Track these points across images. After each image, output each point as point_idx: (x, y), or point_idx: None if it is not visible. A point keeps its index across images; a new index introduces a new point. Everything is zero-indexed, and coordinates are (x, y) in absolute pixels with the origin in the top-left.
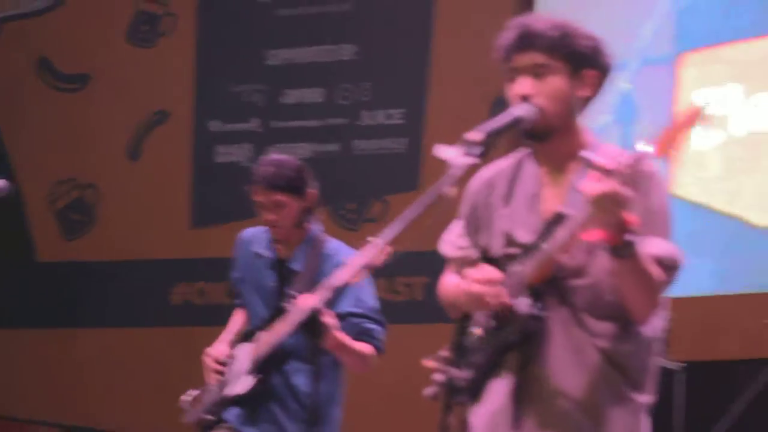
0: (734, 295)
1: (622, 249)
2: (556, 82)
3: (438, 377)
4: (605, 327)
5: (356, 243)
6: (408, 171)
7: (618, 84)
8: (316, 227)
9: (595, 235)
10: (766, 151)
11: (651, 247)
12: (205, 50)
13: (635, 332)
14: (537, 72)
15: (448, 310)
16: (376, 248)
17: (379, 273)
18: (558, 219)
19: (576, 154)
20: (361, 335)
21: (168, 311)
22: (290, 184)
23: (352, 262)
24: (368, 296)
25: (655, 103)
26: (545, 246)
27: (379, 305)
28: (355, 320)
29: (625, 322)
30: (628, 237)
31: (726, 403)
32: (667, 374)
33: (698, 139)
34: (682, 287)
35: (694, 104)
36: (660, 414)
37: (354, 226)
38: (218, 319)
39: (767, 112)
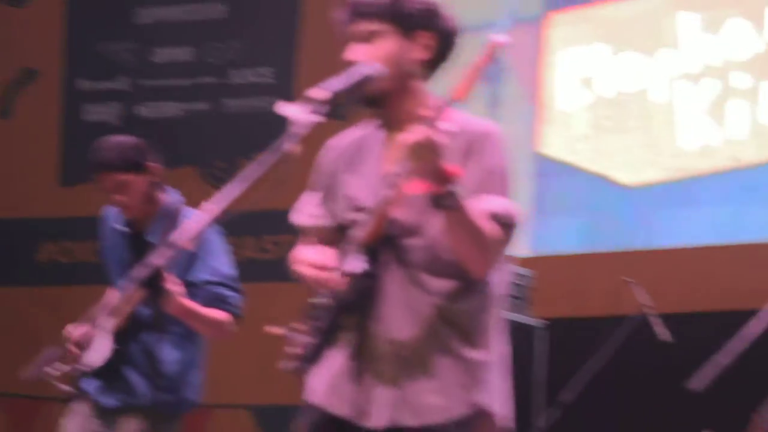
0: (599, 253)
1: (444, 199)
2: (387, 45)
3: (291, 350)
4: (442, 285)
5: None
6: (277, 130)
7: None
8: (171, 197)
9: (416, 186)
10: (632, 110)
11: (486, 203)
12: (75, 8)
13: (474, 290)
14: (369, 38)
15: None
16: (211, 212)
17: (246, 231)
18: (388, 179)
19: (417, 116)
20: (216, 302)
21: (34, 270)
22: (128, 162)
23: (187, 227)
24: (223, 264)
25: (524, 63)
26: (377, 205)
27: (235, 273)
28: (210, 288)
29: (464, 280)
30: (449, 187)
31: (588, 359)
32: (528, 331)
33: (566, 99)
34: (549, 245)
35: (488, 43)
36: (521, 370)
37: (223, 185)
38: (85, 278)
39: (634, 72)
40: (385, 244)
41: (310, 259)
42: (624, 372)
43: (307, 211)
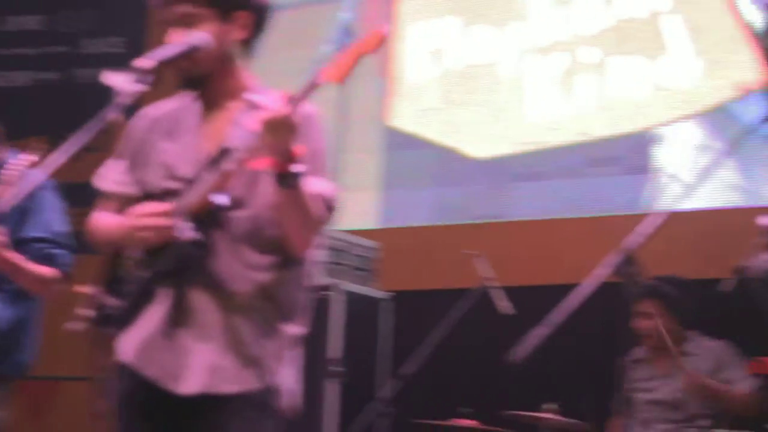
0: (446, 225)
1: (288, 178)
2: (205, 29)
3: (83, 311)
4: (262, 258)
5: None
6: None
7: (338, 14)
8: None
9: (263, 162)
10: (481, 83)
11: (314, 185)
12: None
13: (291, 266)
14: (186, 22)
15: (101, 246)
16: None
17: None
18: (224, 153)
19: (236, 94)
20: (44, 259)
21: None
22: None
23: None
24: (55, 221)
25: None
26: (209, 176)
27: (67, 230)
28: (40, 245)
29: (283, 256)
30: (294, 167)
31: (431, 332)
32: (374, 303)
33: (416, 72)
34: (398, 218)
35: (375, 30)
36: (366, 342)
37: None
38: None
39: (483, 45)
40: (210, 215)
41: (145, 209)
42: (466, 344)
43: (112, 177)
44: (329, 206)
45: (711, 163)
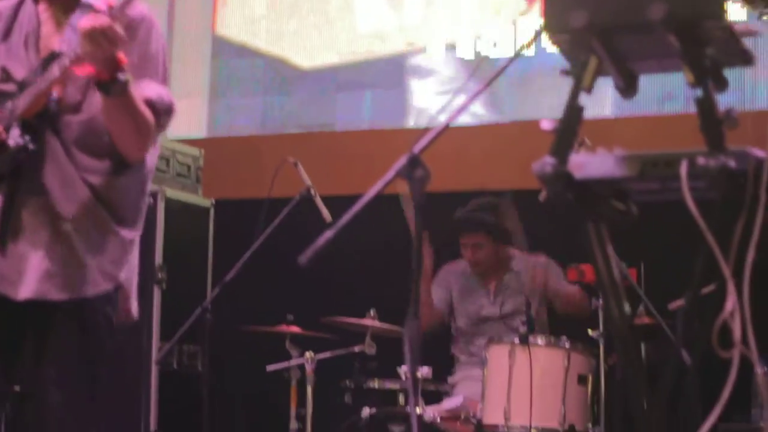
0: (272, 135)
1: (112, 86)
2: None
3: None
4: (96, 163)
5: None
6: None
7: None
8: None
9: (86, 69)
10: None
11: (145, 90)
12: None
13: (126, 171)
14: None
15: None
16: None
17: None
18: (53, 57)
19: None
20: None
21: None
22: None
23: None
24: None
25: None
26: (38, 80)
27: None
28: None
29: (118, 160)
30: (119, 75)
31: (251, 238)
32: (197, 212)
33: None
34: (224, 127)
35: None
36: (191, 249)
37: None
38: None
39: None
40: (43, 119)
41: None
42: (288, 251)
43: None
44: (162, 111)
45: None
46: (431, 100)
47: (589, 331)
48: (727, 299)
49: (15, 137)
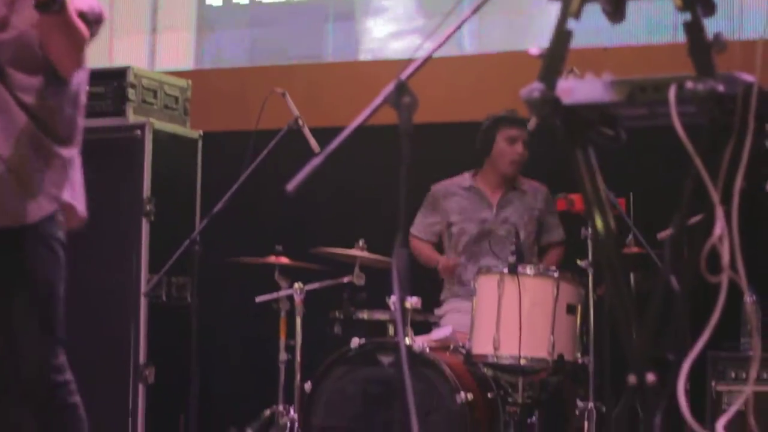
0: (260, 66)
1: (47, 5)
2: None
3: None
4: (31, 81)
5: None
6: None
7: None
8: None
9: None
10: None
11: (76, 1)
12: None
13: (61, 88)
14: None
15: None
16: None
17: None
18: None
19: None
20: None
21: None
22: None
23: None
24: None
25: None
26: None
27: None
28: None
29: (50, 75)
30: None
31: (239, 170)
32: (184, 142)
33: None
34: (212, 59)
35: None
36: (182, 181)
37: None
38: None
39: None
40: None
41: None
42: (278, 183)
43: None
44: (95, 21)
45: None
46: (418, 30)
47: (578, 261)
48: (716, 224)
49: None
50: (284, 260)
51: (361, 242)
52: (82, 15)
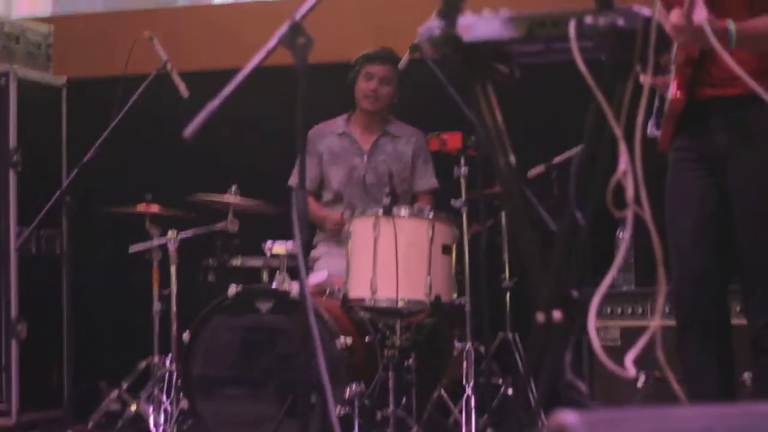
0: (122, 11)
1: None
2: None
3: None
4: None
5: None
6: None
7: None
8: None
9: None
10: None
11: None
12: None
13: None
14: None
15: None
16: None
17: None
18: None
19: None
20: None
21: None
22: None
23: None
24: None
25: None
26: None
27: None
28: None
29: None
30: None
31: (107, 118)
32: (49, 90)
33: None
34: (71, 4)
35: None
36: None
37: None
38: None
39: None
40: None
41: None
42: (145, 129)
43: None
44: None
45: None
46: None
47: (452, 201)
48: (620, 159)
49: None
50: (155, 208)
51: (233, 188)
52: None
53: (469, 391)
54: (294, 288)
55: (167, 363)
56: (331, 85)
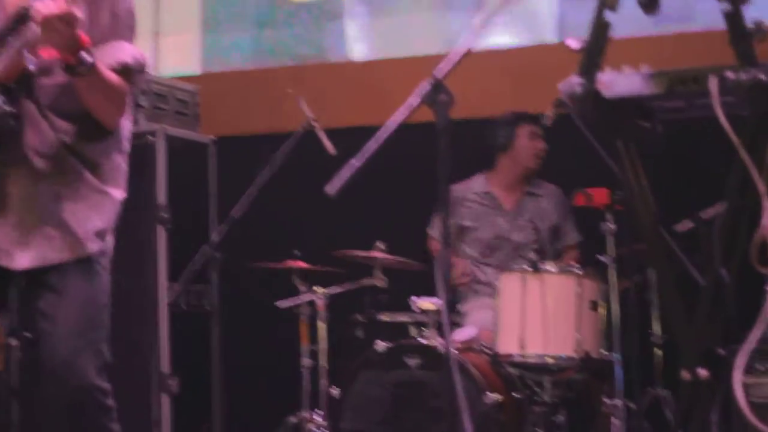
0: (268, 68)
1: (77, 67)
2: None
3: None
4: (74, 126)
5: None
6: None
7: None
8: None
9: (50, 52)
10: None
11: (118, 54)
12: None
13: (106, 134)
14: None
15: None
16: None
17: None
18: (23, 15)
19: None
20: None
21: None
22: None
23: None
24: None
25: None
26: (13, 42)
27: None
28: None
29: (95, 124)
30: (83, 56)
31: (253, 174)
32: (198, 148)
33: None
34: (219, 62)
35: None
36: (195, 186)
37: None
38: None
39: None
40: (21, 82)
41: None
42: (291, 185)
43: None
44: (139, 70)
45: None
46: (432, 26)
47: (599, 256)
48: (763, 215)
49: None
50: (302, 264)
51: (381, 244)
52: (124, 67)
53: None
54: (442, 343)
55: (316, 418)
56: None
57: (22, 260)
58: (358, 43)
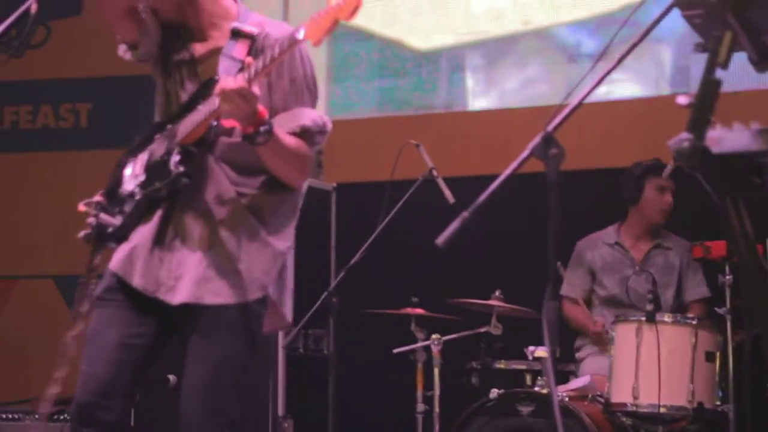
0: (391, 116)
1: (256, 137)
2: None
3: (90, 221)
4: (250, 180)
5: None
6: None
7: None
8: None
9: (231, 122)
10: None
11: (299, 118)
12: None
13: (281, 189)
14: None
15: None
16: None
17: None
18: (210, 84)
19: (216, 22)
20: None
21: None
22: None
23: None
24: None
25: None
26: (199, 108)
27: None
28: None
29: (272, 177)
30: (261, 127)
31: (373, 221)
32: (321, 196)
33: None
34: (342, 110)
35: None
36: (318, 233)
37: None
38: None
39: None
40: (203, 145)
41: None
42: (410, 233)
43: None
44: (319, 132)
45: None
46: (551, 77)
47: (716, 309)
48: None
49: (175, 163)
50: (420, 311)
51: (497, 292)
52: (304, 130)
53: None
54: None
55: None
56: (589, 191)
57: (180, 295)
58: (479, 94)
